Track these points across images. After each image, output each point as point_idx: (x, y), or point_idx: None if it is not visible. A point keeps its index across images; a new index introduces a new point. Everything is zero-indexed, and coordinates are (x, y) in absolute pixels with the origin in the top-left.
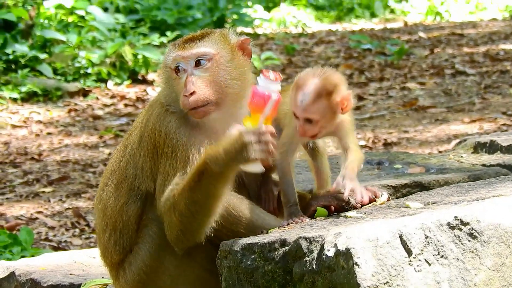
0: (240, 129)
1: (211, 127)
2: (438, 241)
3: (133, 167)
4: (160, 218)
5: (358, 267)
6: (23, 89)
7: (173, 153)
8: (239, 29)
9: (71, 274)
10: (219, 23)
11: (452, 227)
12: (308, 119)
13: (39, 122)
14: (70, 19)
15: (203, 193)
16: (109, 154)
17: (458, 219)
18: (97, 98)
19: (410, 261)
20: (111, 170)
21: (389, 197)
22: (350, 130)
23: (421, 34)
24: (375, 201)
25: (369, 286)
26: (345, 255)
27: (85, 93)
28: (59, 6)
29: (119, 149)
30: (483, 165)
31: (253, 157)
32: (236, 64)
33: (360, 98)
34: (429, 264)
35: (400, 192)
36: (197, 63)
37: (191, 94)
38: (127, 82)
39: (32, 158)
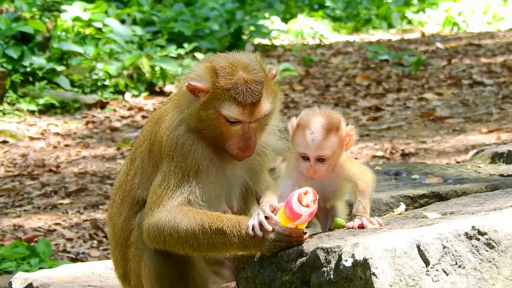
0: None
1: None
2: (456, 251)
3: (140, 176)
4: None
5: (376, 277)
6: (41, 101)
7: (183, 160)
8: (256, 40)
9: (89, 286)
10: (236, 34)
11: (469, 237)
12: (321, 157)
13: (57, 134)
14: (87, 31)
15: (216, 247)
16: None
17: (475, 229)
18: (115, 110)
19: (428, 271)
20: (118, 185)
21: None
22: (347, 160)
23: (439, 44)
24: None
25: None
26: (363, 266)
27: (102, 105)
28: (76, 19)
29: (126, 163)
30: (501, 175)
31: (267, 249)
32: (277, 104)
33: (377, 109)
34: (447, 274)
35: (417, 202)
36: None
37: (251, 150)
38: (144, 94)
39: (50, 170)
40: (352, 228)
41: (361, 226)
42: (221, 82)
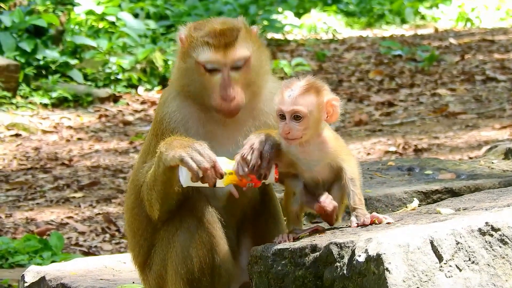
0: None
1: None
2: (469, 247)
3: (141, 156)
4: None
5: (389, 272)
6: (54, 94)
7: (161, 133)
8: (269, 35)
9: (101, 279)
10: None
11: (483, 233)
12: (296, 113)
13: (70, 127)
14: (101, 25)
15: (158, 176)
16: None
17: (489, 225)
18: (128, 104)
19: (441, 266)
20: (133, 169)
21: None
22: (332, 137)
23: (452, 40)
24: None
25: None
26: (376, 261)
27: (115, 98)
28: (90, 12)
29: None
30: None
31: (193, 169)
32: (261, 58)
33: (390, 104)
34: (460, 270)
35: (430, 198)
36: (234, 66)
37: (232, 99)
38: (157, 88)
39: (63, 164)
40: (357, 226)
41: (363, 224)
42: (196, 32)
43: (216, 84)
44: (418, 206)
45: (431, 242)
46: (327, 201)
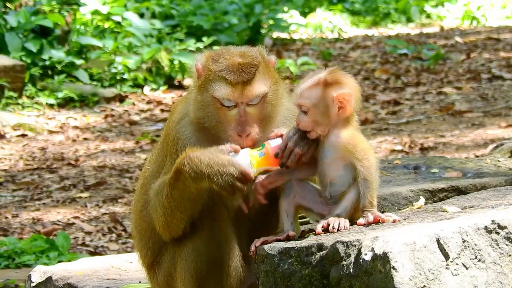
0: (234, 160)
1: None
2: (476, 245)
3: (153, 164)
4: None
5: (396, 271)
6: (60, 94)
7: (175, 153)
8: (275, 34)
9: (108, 279)
10: (255, 28)
11: (489, 231)
12: (301, 105)
13: (76, 127)
14: (106, 25)
15: (179, 191)
16: (145, 159)
17: (495, 223)
18: (134, 104)
19: (448, 265)
20: (141, 172)
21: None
22: (350, 132)
23: (458, 39)
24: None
25: None
26: (383, 259)
27: (121, 98)
28: (95, 12)
29: (153, 149)
30: None
31: (226, 189)
32: (278, 91)
33: (396, 103)
34: (467, 268)
35: (437, 196)
36: (250, 102)
37: (247, 135)
38: (163, 88)
39: (69, 164)
40: (364, 225)
41: (369, 224)
42: (214, 65)
43: (232, 119)
44: (424, 205)
45: (438, 240)
46: (335, 224)
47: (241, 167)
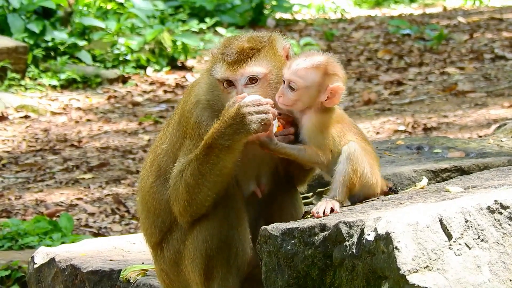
0: (239, 102)
1: None
2: (478, 225)
3: (168, 142)
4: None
5: (398, 251)
6: (63, 76)
7: (198, 136)
8: (278, 15)
9: (111, 260)
10: (258, 9)
11: (492, 211)
12: (293, 82)
13: (79, 109)
14: (109, 6)
15: (209, 165)
16: (149, 140)
17: (498, 203)
18: (136, 85)
19: (450, 245)
20: (152, 148)
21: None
22: (320, 129)
23: (460, 19)
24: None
25: (409, 270)
26: (385, 240)
27: (124, 80)
28: None
29: (164, 127)
30: None
31: (254, 127)
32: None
33: (399, 83)
34: (469, 248)
35: (440, 176)
36: (248, 81)
37: None
38: (166, 69)
39: (72, 145)
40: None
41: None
42: (220, 49)
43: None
44: (427, 185)
45: (440, 221)
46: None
47: (247, 100)
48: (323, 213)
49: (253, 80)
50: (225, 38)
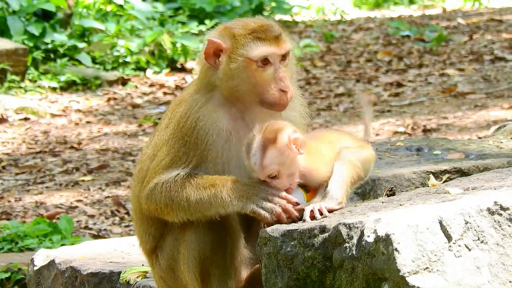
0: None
1: (255, 121)
2: (478, 226)
3: (152, 149)
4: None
5: (398, 252)
6: (62, 78)
7: (195, 145)
8: (278, 16)
9: (111, 262)
10: (258, 11)
11: (492, 212)
12: (270, 175)
13: (78, 111)
14: (109, 8)
15: (204, 204)
16: (147, 142)
17: (498, 204)
18: (136, 87)
19: (450, 246)
20: (140, 157)
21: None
22: (312, 162)
23: (460, 20)
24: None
25: (409, 272)
26: (385, 241)
27: (124, 81)
28: None
29: (151, 136)
30: None
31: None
32: (293, 56)
33: (399, 84)
34: (469, 250)
35: (439, 178)
36: (283, 58)
37: (289, 89)
38: (166, 71)
39: (72, 147)
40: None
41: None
42: (241, 32)
43: (269, 78)
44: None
45: (440, 222)
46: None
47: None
48: (313, 217)
49: (283, 57)
50: (224, 25)
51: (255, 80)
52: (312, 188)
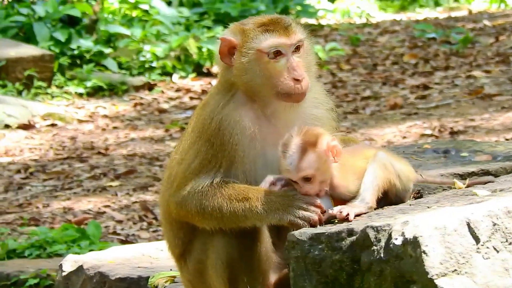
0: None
1: (278, 118)
2: (506, 228)
3: (180, 153)
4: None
5: (426, 255)
6: (89, 84)
7: (221, 148)
8: (303, 20)
9: (139, 267)
10: (283, 14)
11: None
12: (305, 177)
13: (105, 116)
14: (134, 13)
15: (239, 218)
16: (175, 147)
17: None
18: (162, 92)
19: (478, 248)
20: (168, 163)
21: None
22: (342, 177)
23: (486, 22)
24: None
25: (437, 274)
26: (413, 244)
27: (150, 87)
28: (123, 1)
29: (179, 141)
30: None
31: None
32: (310, 47)
33: (425, 87)
34: (497, 251)
35: (467, 180)
36: (296, 49)
37: (303, 78)
38: (192, 75)
39: (99, 153)
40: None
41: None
42: (250, 26)
43: (282, 69)
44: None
45: (468, 224)
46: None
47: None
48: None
49: (296, 48)
50: (236, 24)
51: (269, 72)
52: (336, 199)
